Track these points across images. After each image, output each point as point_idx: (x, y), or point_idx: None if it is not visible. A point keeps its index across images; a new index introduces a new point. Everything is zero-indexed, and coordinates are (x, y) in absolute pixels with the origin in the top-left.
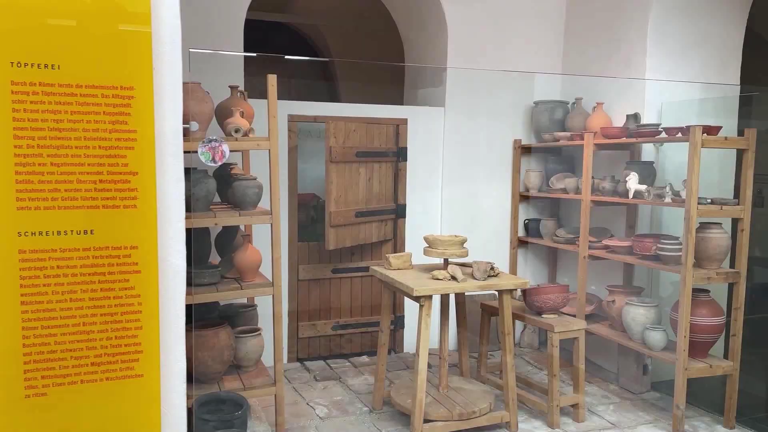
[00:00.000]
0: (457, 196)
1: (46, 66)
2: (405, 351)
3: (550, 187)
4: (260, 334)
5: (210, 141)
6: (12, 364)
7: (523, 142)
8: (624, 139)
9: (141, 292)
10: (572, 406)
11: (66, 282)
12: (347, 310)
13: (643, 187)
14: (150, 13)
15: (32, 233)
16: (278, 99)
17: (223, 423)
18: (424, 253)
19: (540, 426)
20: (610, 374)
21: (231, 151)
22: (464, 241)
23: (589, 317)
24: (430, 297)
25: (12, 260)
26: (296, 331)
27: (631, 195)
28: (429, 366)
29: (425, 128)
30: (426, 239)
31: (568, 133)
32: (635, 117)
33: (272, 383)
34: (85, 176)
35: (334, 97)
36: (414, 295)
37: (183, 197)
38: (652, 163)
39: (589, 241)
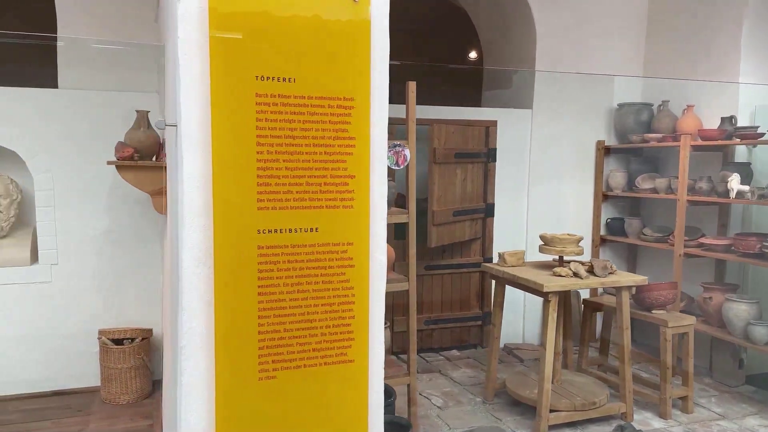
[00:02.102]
0: (543, 195)
1: (284, 79)
2: None
3: (637, 187)
4: (389, 326)
5: (395, 146)
6: (249, 350)
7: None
8: (722, 142)
9: (354, 285)
10: (680, 398)
11: (294, 275)
12: (438, 306)
13: (746, 188)
14: (370, 33)
15: (269, 231)
16: None
17: None
18: (540, 251)
19: (652, 417)
20: (701, 369)
21: None
22: (580, 240)
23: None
24: (556, 293)
25: (252, 255)
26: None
27: (733, 195)
28: (521, 360)
29: (513, 130)
30: (543, 237)
31: (659, 135)
32: (731, 120)
33: (406, 373)
34: (313, 179)
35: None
36: (544, 291)
37: (386, 198)
38: (749, 164)
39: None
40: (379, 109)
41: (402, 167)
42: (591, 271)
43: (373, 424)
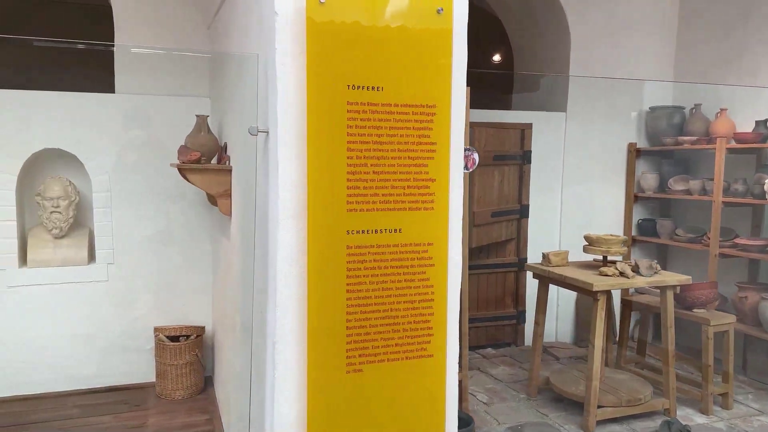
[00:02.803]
0: (575, 196)
1: (372, 88)
2: (526, 344)
3: (669, 188)
4: None
5: (465, 150)
6: (338, 345)
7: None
8: (758, 144)
9: (434, 283)
10: (719, 395)
11: (379, 273)
12: (474, 305)
13: None
14: (452, 42)
15: (357, 231)
16: None
17: None
18: (585, 251)
19: (693, 413)
20: (735, 366)
21: None
22: (625, 240)
23: None
24: (604, 292)
25: (342, 255)
26: None
27: None
28: (557, 358)
29: (547, 133)
30: (588, 238)
31: (692, 138)
32: (765, 123)
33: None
34: (397, 183)
35: None
36: (594, 290)
37: (461, 201)
38: None
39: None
40: (458, 116)
41: (471, 170)
42: (636, 270)
43: (450, 415)
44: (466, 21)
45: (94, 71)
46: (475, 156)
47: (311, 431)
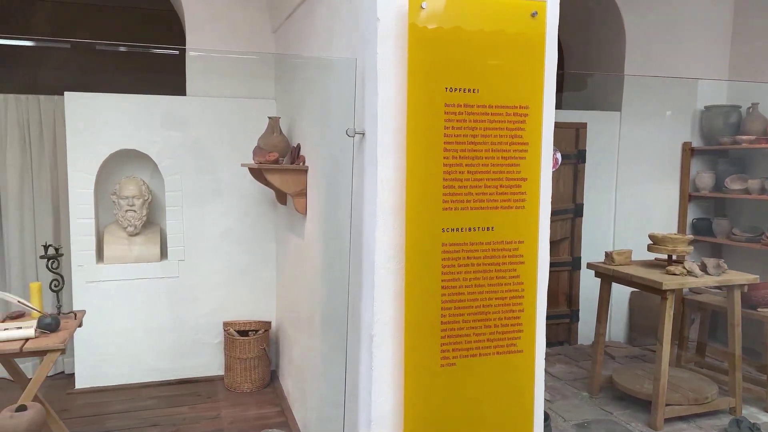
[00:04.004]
0: (630, 195)
1: (469, 90)
2: (579, 343)
3: (726, 187)
4: None
5: None
6: (433, 339)
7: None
8: None
9: (524, 281)
10: None
11: (472, 270)
12: None
13: None
14: (545, 44)
15: (451, 229)
16: None
17: None
18: (649, 250)
19: (758, 411)
20: None
21: None
22: (690, 240)
23: None
24: (673, 291)
25: (437, 252)
26: None
27: None
28: (613, 357)
29: (602, 131)
30: (653, 237)
31: (751, 137)
32: None
33: None
34: (490, 182)
35: None
36: (663, 288)
37: (549, 200)
38: None
39: None
40: (548, 116)
41: (554, 170)
42: (704, 269)
43: (537, 408)
44: (557, 23)
45: (164, 74)
46: (558, 156)
47: (408, 422)
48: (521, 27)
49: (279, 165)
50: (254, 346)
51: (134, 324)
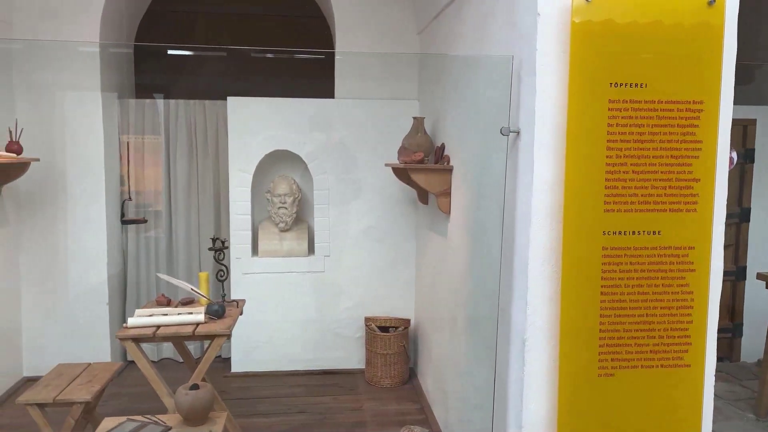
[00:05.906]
0: None
1: (636, 85)
2: (743, 360)
3: None
4: None
5: None
6: (591, 347)
7: None
8: None
9: (694, 290)
10: None
11: (635, 277)
12: None
13: None
14: (723, 36)
15: (613, 233)
16: None
17: None
18: None
19: None
20: None
21: None
22: None
23: None
24: None
25: (597, 256)
26: None
27: None
28: None
29: None
30: None
31: None
32: None
33: None
34: (657, 183)
35: None
36: None
37: (725, 203)
38: None
39: None
40: (725, 112)
41: (730, 169)
42: None
43: (704, 429)
44: (737, 13)
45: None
46: (734, 155)
47: (561, 430)
48: (696, 17)
49: (424, 165)
50: (394, 342)
51: (283, 315)
